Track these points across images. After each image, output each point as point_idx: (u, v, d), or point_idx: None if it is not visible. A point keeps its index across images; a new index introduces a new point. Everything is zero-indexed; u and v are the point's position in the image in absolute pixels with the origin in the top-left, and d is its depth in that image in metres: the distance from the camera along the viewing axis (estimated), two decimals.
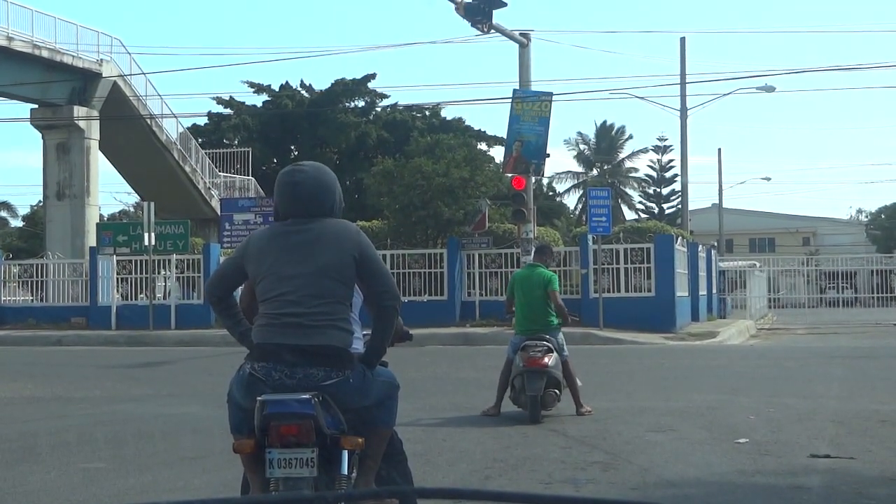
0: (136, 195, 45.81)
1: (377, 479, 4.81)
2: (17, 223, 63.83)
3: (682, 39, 37.37)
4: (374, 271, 4.73)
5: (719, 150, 76.45)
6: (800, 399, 12.01)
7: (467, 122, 48.36)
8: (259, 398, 4.47)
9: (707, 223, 58.91)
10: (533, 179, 27.07)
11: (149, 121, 36.93)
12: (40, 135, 35.65)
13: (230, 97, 47.55)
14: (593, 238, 25.38)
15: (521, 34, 26.78)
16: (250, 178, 41.28)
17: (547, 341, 10.69)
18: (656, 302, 24.93)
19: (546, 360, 10.48)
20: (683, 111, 37.44)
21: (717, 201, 57.48)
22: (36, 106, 35.33)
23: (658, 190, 71.16)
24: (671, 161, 68.35)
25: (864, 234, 70.53)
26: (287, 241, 4.70)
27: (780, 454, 8.47)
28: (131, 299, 28.79)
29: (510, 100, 26.49)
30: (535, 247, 12.94)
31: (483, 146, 44.49)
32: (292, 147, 48.21)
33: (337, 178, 4.95)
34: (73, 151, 35.00)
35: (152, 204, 27.31)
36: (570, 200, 69.61)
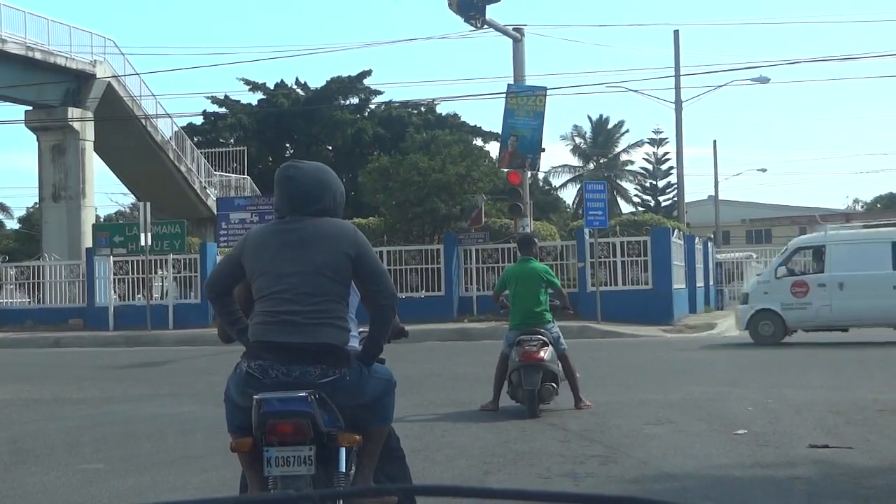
0: (131, 196, 45.79)
1: (375, 477, 4.81)
2: (12, 225, 63.71)
3: (676, 32, 37.39)
4: (370, 271, 4.72)
5: (714, 142, 76.59)
6: (798, 390, 12.02)
7: (463, 118, 48.33)
8: (256, 397, 4.47)
9: (703, 215, 58.90)
10: (528, 174, 27.08)
11: (143, 121, 36.88)
12: (35, 137, 35.62)
13: (225, 96, 47.49)
14: (590, 232, 25.40)
15: (514, 29, 26.78)
16: (246, 176, 41.23)
17: (542, 335, 10.69)
18: (653, 294, 24.95)
19: (541, 353, 10.48)
20: (678, 103, 37.44)
21: (713, 193, 57.53)
22: (30, 108, 35.29)
23: (654, 183, 71.11)
24: (667, 154, 68.34)
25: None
26: (283, 239, 4.69)
27: (778, 445, 8.48)
28: (128, 300, 28.80)
29: (504, 94, 26.48)
30: (518, 240, 12.83)
31: (479, 142, 44.47)
32: (288, 145, 48.14)
33: (337, 176, 4.95)
34: (68, 153, 34.97)
35: (148, 204, 27.30)
36: (567, 195, 69.55)
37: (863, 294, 19.06)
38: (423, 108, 47.80)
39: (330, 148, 47.22)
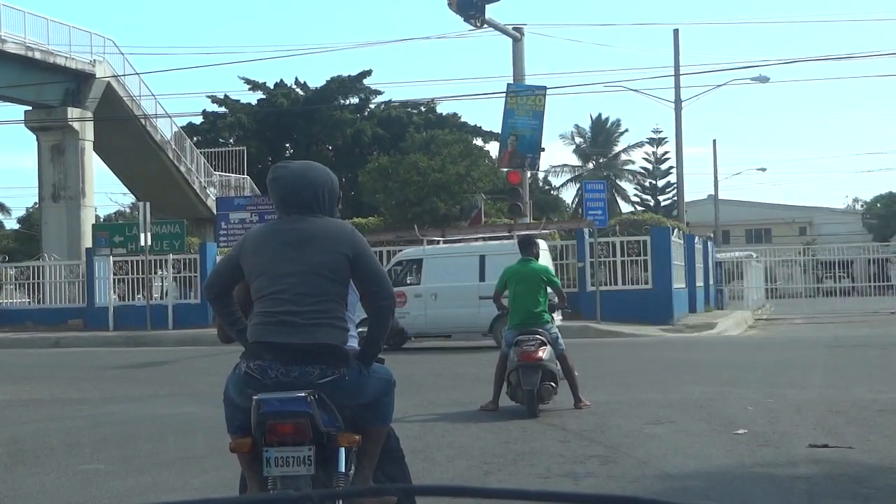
0: (131, 196, 45.79)
1: (375, 477, 4.80)
2: (12, 225, 63.73)
3: (676, 31, 37.36)
4: (369, 271, 4.71)
5: (714, 141, 76.55)
6: (798, 389, 12.01)
7: (462, 118, 48.32)
8: (255, 397, 4.47)
9: (703, 214, 58.94)
10: (528, 173, 27.09)
11: (143, 121, 36.89)
12: (35, 137, 35.62)
13: (225, 96, 47.50)
14: (589, 231, 25.39)
15: (514, 28, 26.79)
16: (245, 176, 41.23)
17: (540, 335, 10.68)
18: (653, 294, 24.94)
19: (540, 353, 10.48)
20: (678, 103, 37.41)
21: (712, 192, 57.58)
22: (30, 108, 35.29)
23: (654, 182, 71.14)
24: (666, 153, 68.38)
25: (861, 222, 70.56)
26: (281, 239, 4.69)
27: (778, 445, 8.47)
28: (128, 300, 28.80)
29: (504, 94, 26.49)
30: (518, 240, 12.84)
31: (479, 141, 44.48)
32: (287, 145, 48.17)
33: (330, 173, 4.93)
34: (67, 153, 34.96)
35: (148, 204, 27.30)
36: (567, 194, 69.55)
37: (454, 304, 20.18)
38: (422, 108, 47.83)
39: (330, 148, 47.24)
